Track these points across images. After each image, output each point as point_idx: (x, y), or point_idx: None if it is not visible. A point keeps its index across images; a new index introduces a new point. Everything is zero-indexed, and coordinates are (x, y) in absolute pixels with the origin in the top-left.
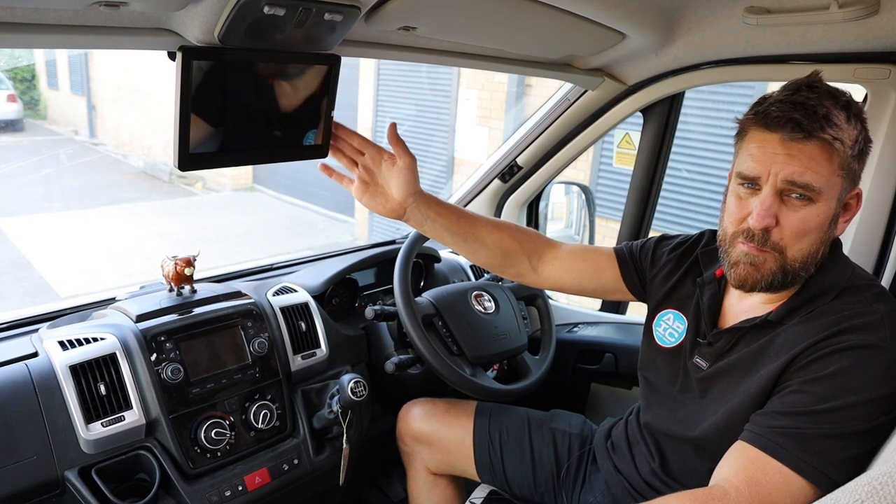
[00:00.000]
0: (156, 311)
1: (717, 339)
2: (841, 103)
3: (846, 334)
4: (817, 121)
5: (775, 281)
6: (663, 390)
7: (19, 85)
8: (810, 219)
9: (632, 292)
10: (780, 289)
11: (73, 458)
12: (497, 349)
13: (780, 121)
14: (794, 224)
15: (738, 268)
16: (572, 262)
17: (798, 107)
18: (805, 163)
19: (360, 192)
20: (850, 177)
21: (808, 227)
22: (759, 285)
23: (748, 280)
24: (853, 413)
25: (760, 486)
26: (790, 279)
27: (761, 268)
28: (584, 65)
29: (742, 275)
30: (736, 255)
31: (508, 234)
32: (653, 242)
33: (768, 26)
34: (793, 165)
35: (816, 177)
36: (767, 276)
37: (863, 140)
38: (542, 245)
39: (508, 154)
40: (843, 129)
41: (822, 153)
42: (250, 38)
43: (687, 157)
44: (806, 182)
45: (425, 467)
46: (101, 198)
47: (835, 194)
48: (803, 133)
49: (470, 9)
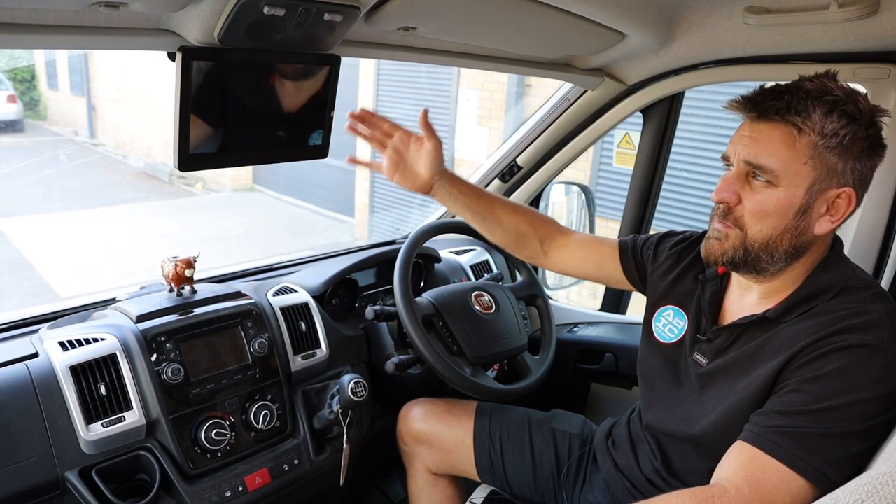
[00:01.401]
0: (156, 311)
1: (717, 336)
2: (830, 97)
3: (844, 333)
4: (782, 105)
5: (737, 257)
6: (662, 387)
7: (19, 85)
8: (768, 202)
9: (632, 284)
10: (743, 268)
11: (74, 459)
12: (497, 349)
13: (749, 104)
14: (752, 204)
15: (708, 242)
16: (578, 251)
17: (772, 91)
18: (763, 145)
19: (391, 172)
20: (825, 170)
21: (766, 208)
22: (721, 259)
23: (712, 253)
24: (851, 412)
25: (760, 485)
26: (752, 260)
27: (724, 243)
28: (584, 65)
29: (707, 247)
30: (709, 232)
31: (525, 217)
32: (657, 238)
33: (768, 26)
34: (751, 146)
35: (773, 160)
36: (729, 251)
37: (847, 137)
38: (555, 231)
39: (508, 154)
40: (813, 118)
41: (782, 137)
42: (250, 38)
43: (687, 157)
44: (761, 164)
45: (425, 467)
46: (101, 198)
47: (801, 183)
48: (758, 113)
49: (470, 9)
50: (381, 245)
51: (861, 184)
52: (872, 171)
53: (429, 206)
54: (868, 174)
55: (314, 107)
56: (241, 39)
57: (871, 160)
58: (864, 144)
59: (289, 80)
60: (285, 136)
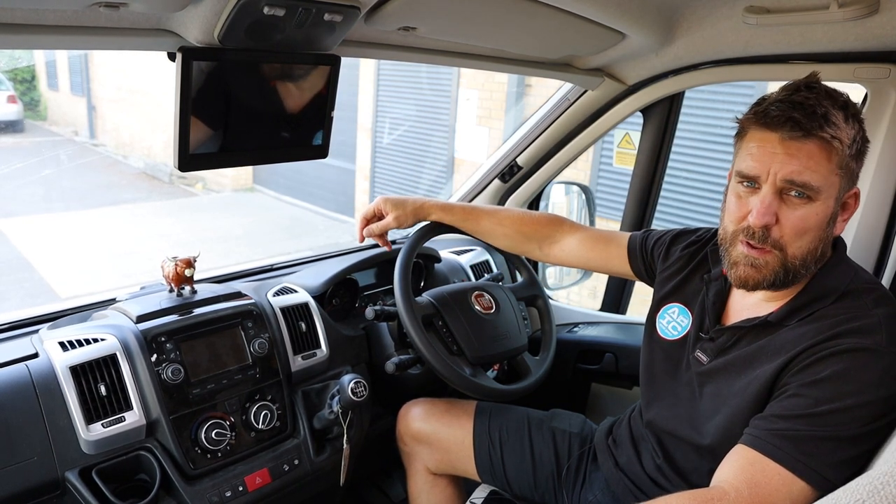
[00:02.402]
0: (156, 311)
1: (719, 336)
2: (839, 103)
3: (843, 337)
4: (816, 120)
5: (777, 280)
6: (662, 383)
7: (19, 86)
8: (809, 217)
9: (638, 277)
10: (782, 286)
11: (74, 459)
12: (497, 349)
13: (780, 120)
14: (793, 222)
15: (738, 268)
16: (581, 251)
17: (797, 106)
18: (804, 162)
19: None
20: (848, 176)
21: (808, 225)
22: (760, 285)
23: (749, 281)
24: (850, 416)
25: (760, 488)
26: (791, 277)
27: (762, 269)
28: (584, 65)
29: (742, 276)
30: (736, 255)
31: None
32: (670, 237)
33: (768, 26)
34: (792, 164)
35: (815, 175)
36: (769, 275)
37: (861, 140)
38: (554, 232)
39: (508, 154)
40: (841, 128)
41: (820, 152)
42: (250, 38)
43: (687, 157)
44: (805, 181)
45: (425, 467)
46: (102, 198)
47: (833, 193)
48: (802, 132)
49: (470, 9)
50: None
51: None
52: None
53: None
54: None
55: (314, 107)
56: (241, 40)
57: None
58: (866, 145)
59: (289, 81)
60: (285, 136)
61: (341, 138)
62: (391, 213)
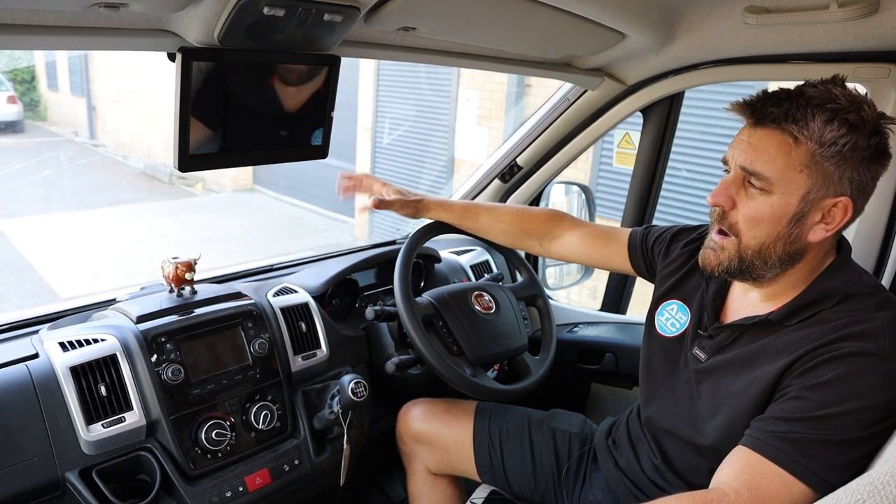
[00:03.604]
0: (156, 312)
1: (718, 333)
2: (832, 105)
3: (846, 341)
4: (780, 113)
5: (732, 267)
6: (661, 381)
7: (19, 86)
8: (762, 208)
9: (638, 274)
10: (740, 276)
11: (74, 460)
12: (497, 349)
13: (749, 109)
14: (746, 210)
15: (704, 252)
16: (581, 247)
17: (772, 98)
18: (760, 152)
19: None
20: (821, 178)
21: (760, 215)
22: (717, 269)
23: (708, 264)
24: (851, 419)
25: (760, 490)
26: (747, 268)
27: (719, 254)
28: (583, 65)
29: (703, 257)
30: (707, 240)
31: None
32: (671, 234)
33: (768, 26)
34: (748, 152)
35: (768, 167)
36: (724, 261)
37: (847, 147)
38: (554, 228)
39: (508, 154)
40: (812, 127)
41: (779, 145)
42: (250, 38)
43: (687, 157)
44: (756, 170)
45: (425, 467)
46: (102, 199)
47: (795, 191)
48: (762, 123)
49: (470, 9)
50: (382, 245)
51: (860, 193)
52: (874, 180)
53: None
54: (869, 183)
55: (314, 107)
56: (240, 40)
57: (872, 169)
58: (866, 154)
59: (289, 81)
60: (285, 136)
61: (341, 138)
62: (394, 195)
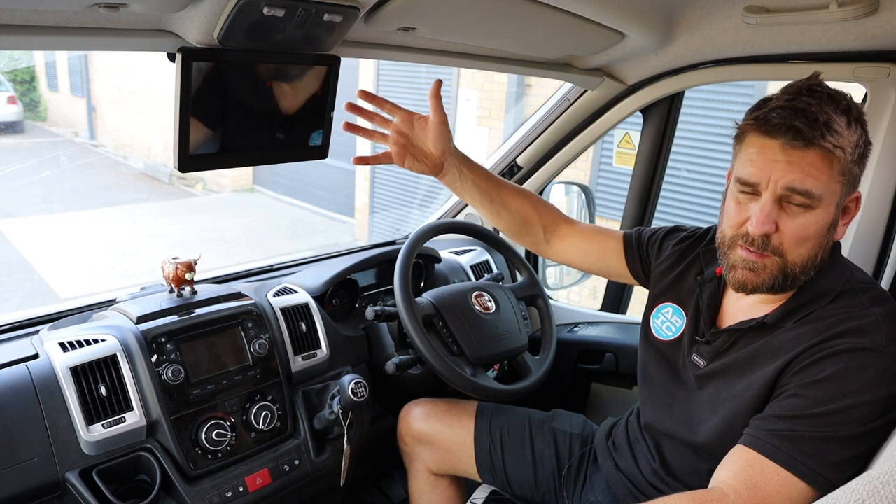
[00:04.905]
0: (156, 312)
1: (715, 339)
2: (842, 108)
3: (842, 338)
4: (818, 128)
5: (776, 284)
6: (659, 385)
7: (19, 87)
8: (810, 225)
9: (635, 278)
10: (780, 290)
11: (74, 460)
12: (497, 349)
13: (781, 128)
14: (793, 230)
15: (737, 272)
16: (581, 242)
17: (799, 113)
18: (805, 170)
19: (401, 157)
20: (850, 181)
21: (808, 233)
22: (759, 289)
23: (748, 285)
24: (850, 416)
25: (759, 489)
26: (791, 281)
27: (761, 273)
28: (583, 65)
29: (740, 279)
30: (734, 259)
31: (530, 203)
32: (663, 233)
33: (768, 25)
34: (793, 172)
35: (817, 184)
36: (768, 280)
37: (863, 144)
38: (559, 220)
39: (508, 154)
40: (843, 135)
41: (822, 160)
42: (250, 39)
43: (687, 157)
44: (806, 189)
45: (426, 468)
46: (102, 199)
47: (835, 200)
48: (804, 141)
49: (469, 9)
50: (382, 245)
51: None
52: None
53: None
54: None
55: (314, 107)
56: (240, 40)
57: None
58: (869, 147)
59: (289, 81)
60: (285, 136)
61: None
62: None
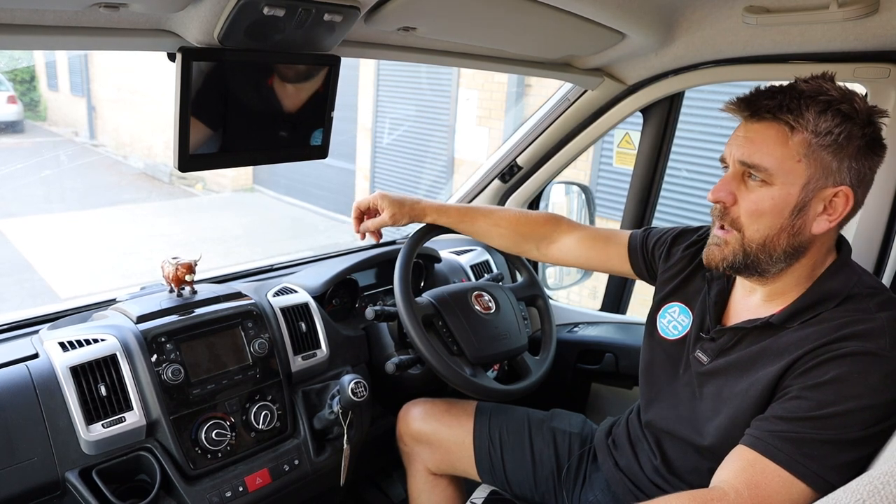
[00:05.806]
0: (156, 312)
1: (720, 336)
2: (824, 97)
3: (846, 341)
4: (776, 105)
5: (736, 261)
6: (663, 384)
7: (19, 86)
8: (764, 200)
9: (639, 277)
10: (743, 271)
11: (74, 460)
12: (497, 349)
13: (745, 104)
14: (748, 204)
15: (708, 249)
16: (580, 250)
17: (769, 93)
18: (757, 144)
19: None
20: (820, 168)
21: (762, 207)
22: (721, 264)
23: (712, 259)
24: (852, 419)
25: (760, 489)
26: (753, 262)
27: (723, 248)
28: (583, 65)
29: (708, 254)
30: (710, 238)
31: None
32: (671, 238)
33: (768, 26)
34: (745, 146)
35: (767, 158)
36: (729, 255)
37: (844, 135)
38: (552, 231)
39: (508, 154)
40: (808, 117)
41: (776, 135)
42: (250, 38)
43: (687, 157)
44: (755, 162)
45: (425, 467)
46: (102, 199)
47: (795, 181)
48: (758, 116)
49: (470, 9)
50: (382, 245)
51: (860, 183)
52: (872, 171)
53: None
54: (867, 174)
55: (314, 107)
56: (240, 40)
57: (869, 159)
58: (861, 143)
59: (289, 81)
60: (285, 136)
61: (341, 138)
62: (387, 210)
